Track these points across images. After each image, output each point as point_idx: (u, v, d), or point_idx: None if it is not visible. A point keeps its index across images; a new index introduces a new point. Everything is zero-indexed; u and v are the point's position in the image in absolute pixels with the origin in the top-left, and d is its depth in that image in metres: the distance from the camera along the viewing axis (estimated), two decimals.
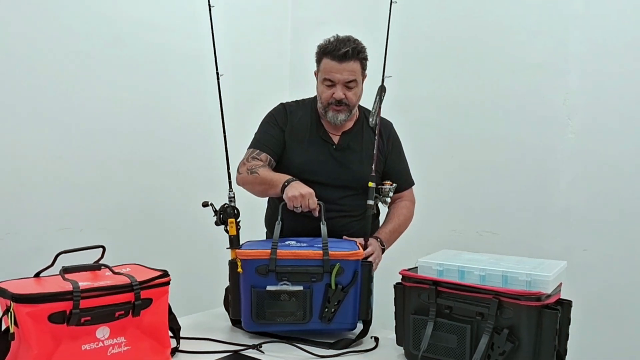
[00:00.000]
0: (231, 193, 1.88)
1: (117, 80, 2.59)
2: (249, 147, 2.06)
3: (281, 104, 2.13)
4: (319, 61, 2.02)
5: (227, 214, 1.81)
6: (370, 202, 1.90)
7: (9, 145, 2.26)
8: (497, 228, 2.77)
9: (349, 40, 1.96)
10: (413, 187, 2.20)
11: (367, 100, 2.13)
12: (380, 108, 2.00)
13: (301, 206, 1.82)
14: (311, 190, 1.84)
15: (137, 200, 2.69)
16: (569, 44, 2.57)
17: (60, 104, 2.40)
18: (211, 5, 1.97)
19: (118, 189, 2.61)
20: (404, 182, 2.15)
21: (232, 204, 1.85)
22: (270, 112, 2.12)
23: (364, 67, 2.01)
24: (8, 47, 2.25)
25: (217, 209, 1.81)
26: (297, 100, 2.15)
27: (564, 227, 2.60)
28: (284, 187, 1.87)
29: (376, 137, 1.98)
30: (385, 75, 1.97)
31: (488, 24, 2.80)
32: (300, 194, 1.81)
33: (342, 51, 1.92)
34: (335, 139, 2.06)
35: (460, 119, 2.89)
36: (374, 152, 1.96)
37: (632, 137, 2.43)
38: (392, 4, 1.98)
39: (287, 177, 1.91)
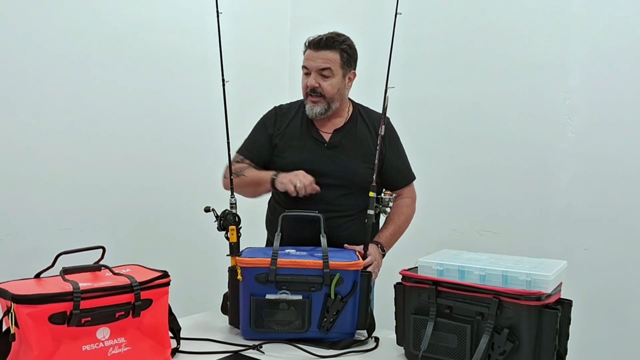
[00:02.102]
0: (232, 199, 1.87)
1: (118, 81, 2.59)
2: (236, 152, 2.07)
3: (274, 107, 2.12)
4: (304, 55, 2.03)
5: (227, 221, 1.80)
6: (371, 212, 1.87)
7: (9, 146, 2.26)
8: (497, 228, 2.77)
9: (331, 33, 1.98)
10: (414, 182, 2.14)
11: (364, 101, 2.13)
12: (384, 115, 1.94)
13: (301, 185, 1.82)
14: (302, 171, 1.86)
15: (138, 201, 2.69)
16: (569, 44, 2.57)
17: (61, 105, 2.40)
18: (219, 12, 1.93)
19: (118, 190, 2.61)
20: (403, 178, 2.11)
21: (233, 211, 1.84)
22: (261, 118, 2.11)
23: (344, 60, 1.97)
24: (10, 46, 2.25)
25: (219, 214, 1.81)
26: (291, 102, 2.14)
27: (564, 226, 2.60)
28: (272, 180, 1.89)
29: (378, 147, 1.93)
30: (388, 87, 1.92)
31: (488, 24, 2.80)
32: (294, 174, 1.84)
33: (318, 39, 1.95)
34: (327, 137, 2.03)
35: (460, 119, 2.89)
36: (376, 161, 1.91)
37: (632, 136, 2.43)
38: (397, 15, 1.94)
39: (273, 172, 1.93)
